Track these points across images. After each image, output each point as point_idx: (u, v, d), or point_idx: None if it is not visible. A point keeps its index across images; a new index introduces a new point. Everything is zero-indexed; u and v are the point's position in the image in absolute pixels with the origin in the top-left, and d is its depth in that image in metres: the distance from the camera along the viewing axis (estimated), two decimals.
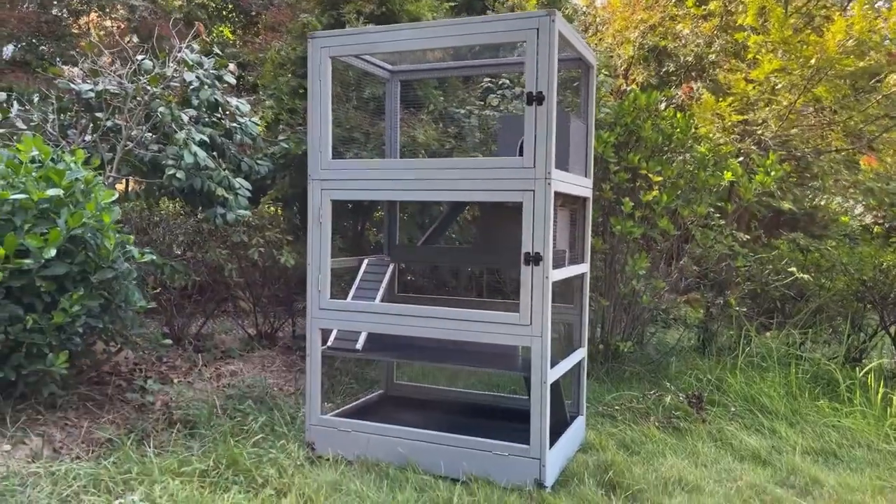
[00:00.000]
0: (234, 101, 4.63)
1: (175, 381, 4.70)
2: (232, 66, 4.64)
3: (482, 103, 5.54)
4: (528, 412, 3.26)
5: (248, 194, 4.64)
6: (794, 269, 5.09)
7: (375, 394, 4.44)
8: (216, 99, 4.49)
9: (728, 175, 4.91)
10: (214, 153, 4.58)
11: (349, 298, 3.91)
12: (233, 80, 4.63)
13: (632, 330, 5.34)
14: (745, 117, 5.05)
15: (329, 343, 3.79)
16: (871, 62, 4.46)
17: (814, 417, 4.57)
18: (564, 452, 3.60)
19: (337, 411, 3.96)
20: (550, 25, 3.12)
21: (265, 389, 4.60)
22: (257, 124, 4.83)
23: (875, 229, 6.52)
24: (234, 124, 4.66)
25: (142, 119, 4.43)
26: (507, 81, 5.37)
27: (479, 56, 4.18)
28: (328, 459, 3.52)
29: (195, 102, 4.43)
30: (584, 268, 3.94)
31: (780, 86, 4.80)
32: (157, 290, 5.31)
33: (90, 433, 3.70)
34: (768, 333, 6.27)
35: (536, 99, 3.15)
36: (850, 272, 5.77)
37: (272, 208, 6.12)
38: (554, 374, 3.33)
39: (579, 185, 3.73)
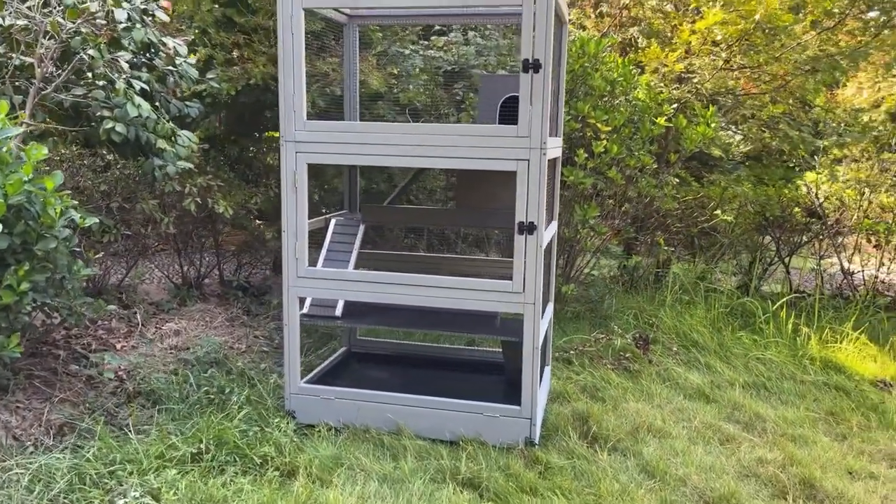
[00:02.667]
0: (170, 41, 4.17)
1: (118, 346, 4.42)
2: (165, 2, 4.15)
3: (426, 43, 5.34)
4: (497, 364, 3.38)
5: (194, 144, 4.29)
6: (718, 211, 5.44)
7: (340, 352, 4.39)
8: (150, 39, 4.03)
9: (661, 121, 5.08)
10: (155, 102, 4.16)
11: (320, 263, 3.79)
12: (166, 18, 4.16)
13: (572, 272, 5.55)
14: (687, 66, 5.22)
15: (305, 310, 3.69)
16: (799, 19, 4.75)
17: (738, 350, 5.02)
18: (542, 405, 3.77)
19: (308, 376, 3.89)
20: None
21: (219, 351, 4.43)
22: (192, 65, 4.40)
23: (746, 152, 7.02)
24: (170, 67, 4.23)
25: (58, 58, 3.91)
26: (474, 32, 5.20)
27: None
28: (317, 430, 3.50)
29: (126, 44, 3.96)
30: (555, 226, 4.02)
31: (719, 37, 4.98)
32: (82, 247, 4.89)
33: (46, 416, 3.44)
34: (677, 266, 6.75)
35: (533, 66, 3.09)
36: (756, 209, 6.26)
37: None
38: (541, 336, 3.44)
39: (558, 146, 3.75)
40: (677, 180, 5.45)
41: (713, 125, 4.80)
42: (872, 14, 5.56)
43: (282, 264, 6.39)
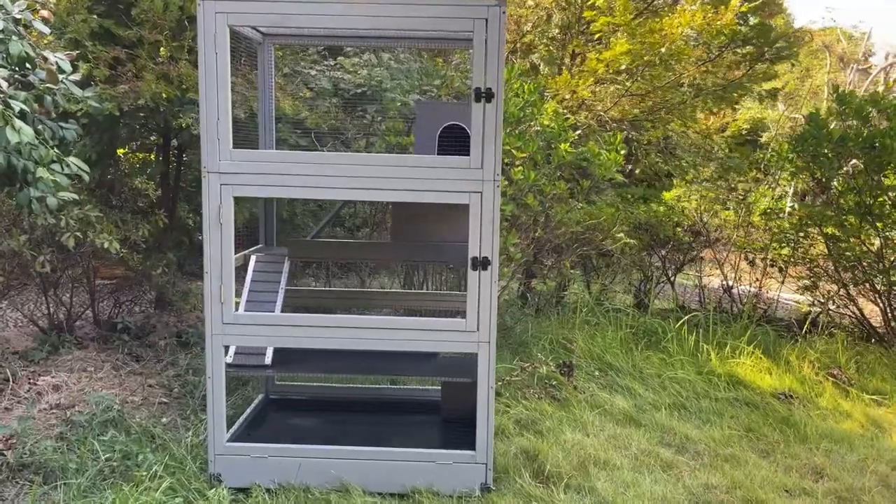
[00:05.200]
0: (50, 55, 3.62)
1: None
2: (46, 13, 3.60)
3: (332, 63, 5.08)
4: (427, 402, 3.25)
5: (84, 173, 3.74)
6: (621, 234, 5.60)
7: (258, 400, 3.99)
8: (28, 54, 3.47)
9: (565, 147, 5.15)
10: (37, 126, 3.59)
11: (242, 306, 3.42)
12: (46, 30, 3.61)
13: None
14: (594, 93, 5.33)
15: (229, 359, 3.30)
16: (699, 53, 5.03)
17: (650, 370, 5.15)
18: None
19: (230, 432, 3.48)
20: (501, 16, 2.92)
21: (112, 407, 3.88)
22: (76, 83, 3.86)
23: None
24: (50, 86, 3.67)
25: None
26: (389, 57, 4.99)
27: None
28: (253, 495, 3.11)
29: (1, 59, 3.39)
30: None
31: (622, 67, 5.14)
32: None
33: None
34: (573, 287, 6.90)
35: (485, 95, 2.96)
36: (648, 229, 6.54)
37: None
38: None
39: None
40: (581, 205, 5.54)
41: (621, 151, 4.92)
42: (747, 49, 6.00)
43: (164, 304, 5.85)
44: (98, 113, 4.46)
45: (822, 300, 6.52)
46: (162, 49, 4.73)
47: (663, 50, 4.83)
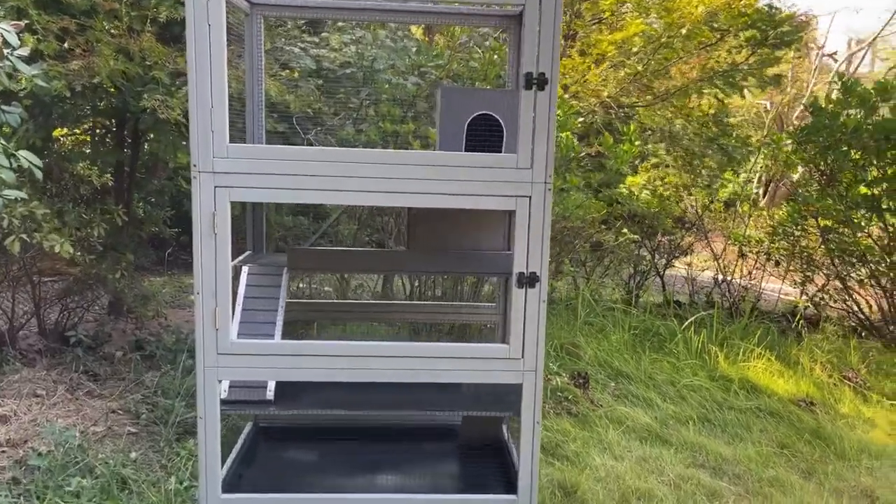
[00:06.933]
0: None
1: None
2: None
3: (316, 41, 4.50)
4: (437, 427, 3.05)
5: (36, 167, 3.11)
6: (626, 230, 5.24)
7: (247, 430, 3.44)
8: None
9: (565, 134, 4.74)
10: None
11: (235, 327, 2.87)
12: None
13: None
14: (604, 79, 4.93)
15: (224, 394, 2.76)
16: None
17: (662, 377, 4.82)
18: None
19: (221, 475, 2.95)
20: None
21: (71, 442, 3.29)
22: (23, 58, 3.21)
23: None
24: None
25: None
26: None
27: None
28: None
29: None
30: None
31: (635, 49, 4.74)
32: None
33: None
34: (556, 283, 6.54)
35: (538, 82, 2.48)
36: (645, 222, 6.21)
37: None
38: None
39: None
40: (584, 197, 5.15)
41: (636, 142, 4.53)
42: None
43: (120, 309, 5.19)
44: (45, 93, 3.80)
45: (820, 295, 6.34)
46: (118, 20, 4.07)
47: (684, 31, 4.46)
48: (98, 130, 5.45)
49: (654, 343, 5.39)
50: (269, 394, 2.77)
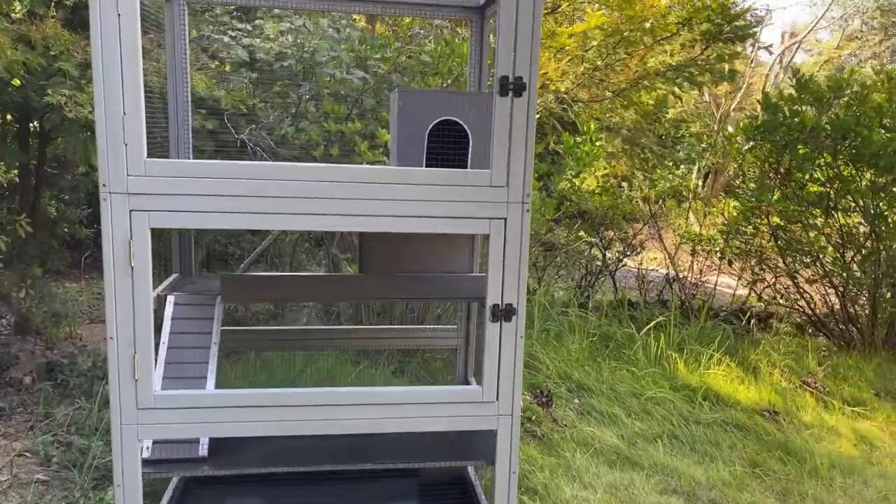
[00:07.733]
0: None
1: None
2: None
3: (249, 28, 4.04)
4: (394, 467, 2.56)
5: None
6: (583, 232, 5.00)
7: (175, 482, 3.01)
8: None
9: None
10: None
11: (159, 373, 2.45)
12: None
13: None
14: (562, 71, 4.63)
15: (146, 453, 2.34)
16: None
17: (623, 388, 4.61)
18: None
19: None
20: None
21: None
22: None
23: None
24: None
25: None
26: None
27: None
28: None
29: None
30: None
31: (594, 43, 4.46)
32: None
33: None
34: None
35: (514, 87, 2.15)
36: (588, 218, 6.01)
37: None
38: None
39: None
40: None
41: (597, 142, 4.27)
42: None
43: (28, 328, 4.62)
44: None
45: (770, 292, 6.29)
46: (17, 3, 3.52)
47: (647, 25, 4.21)
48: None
49: (612, 350, 5.19)
50: (203, 449, 2.37)
